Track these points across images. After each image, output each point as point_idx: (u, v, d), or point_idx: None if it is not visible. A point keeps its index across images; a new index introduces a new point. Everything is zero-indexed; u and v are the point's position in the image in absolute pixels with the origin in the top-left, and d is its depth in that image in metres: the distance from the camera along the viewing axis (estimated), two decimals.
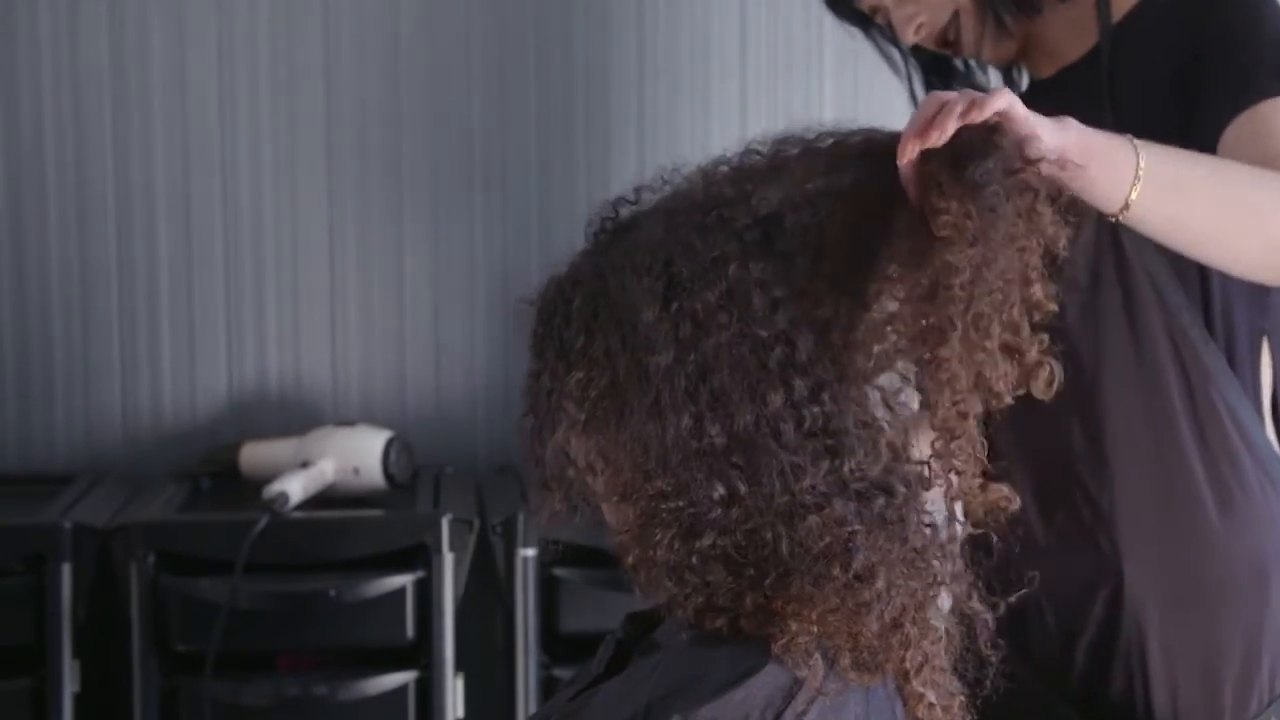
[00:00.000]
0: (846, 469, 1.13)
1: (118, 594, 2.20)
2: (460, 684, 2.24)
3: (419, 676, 2.22)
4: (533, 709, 2.24)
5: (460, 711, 2.24)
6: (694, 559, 1.12)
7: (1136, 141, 1.26)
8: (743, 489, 1.11)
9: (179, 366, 2.59)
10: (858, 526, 1.12)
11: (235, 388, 2.60)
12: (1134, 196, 1.25)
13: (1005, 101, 1.16)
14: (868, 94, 2.66)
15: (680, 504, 1.12)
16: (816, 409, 1.12)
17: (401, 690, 2.22)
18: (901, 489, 1.15)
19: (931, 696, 1.16)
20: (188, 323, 2.59)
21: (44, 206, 2.56)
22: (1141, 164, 1.24)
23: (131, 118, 2.56)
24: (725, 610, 1.14)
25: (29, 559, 2.17)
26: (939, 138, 1.14)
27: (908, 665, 1.14)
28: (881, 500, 1.14)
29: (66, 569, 2.16)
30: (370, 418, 2.54)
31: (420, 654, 2.22)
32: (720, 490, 1.11)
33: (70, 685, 2.17)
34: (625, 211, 1.22)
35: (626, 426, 1.13)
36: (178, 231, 2.58)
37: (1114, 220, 1.26)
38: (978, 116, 1.15)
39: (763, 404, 1.11)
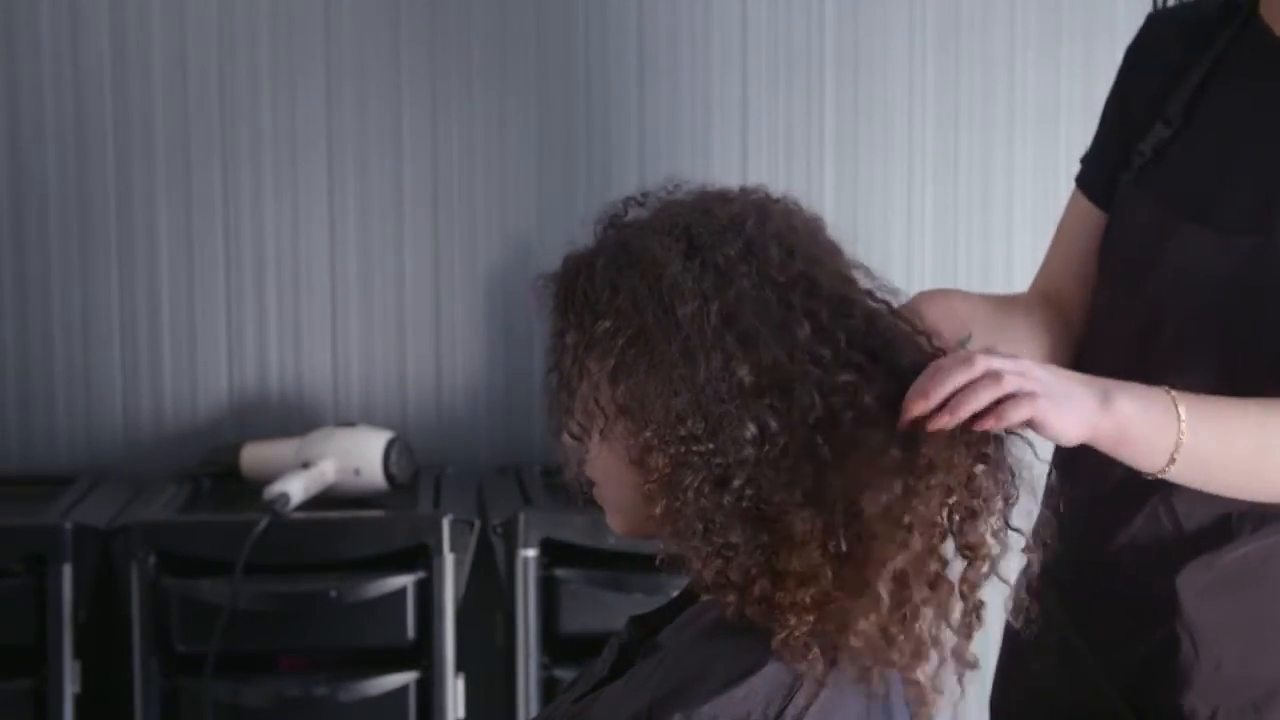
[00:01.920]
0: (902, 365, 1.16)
1: (118, 595, 2.20)
2: (461, 684, 2.24)
3: (419, 677, 2.23)
4: (533, 710, 2.24)
5: (461, 712, 2.24)
6: (726, 501, 1.13)
7: (1182, 415, 1.27)
8: (773, 425, 1.13)
9: (180, 367, 2.59)
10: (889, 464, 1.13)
11: (236, 389, 2.60)
12: (1170, 470, 1.28)
13: (1030, 412, 1.18)
14: (868, 94, 2.66)
15: (711, 446, 1.13)
16: (852, 321, 1.16)
17: (402, 691, 2.22)
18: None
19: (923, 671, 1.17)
20: (188, 324, 2.59)
21: (45, 207, 2.56)
22: (1182, 441, 1.27)
23: (132, 117, 2.56)
24: (736, 587, 1.15)
25: (30, 560, 2.17)
26: (948, 421, 1.16)
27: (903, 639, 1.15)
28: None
29: (67, 570, 2.16)
30: (371, 418, 2.54)
31: (421, 654, 2.22)
32: (752, 430, 1.13)
33: (71, 686, 2.17)
34: (634, 211, 1.23)
35: (658, 370, 1.15)
36: (178, 233, 2.58)
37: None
38: (996, 425, 1.17)
39: (793, 340, 1.14)
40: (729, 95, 2.63)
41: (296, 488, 2.25)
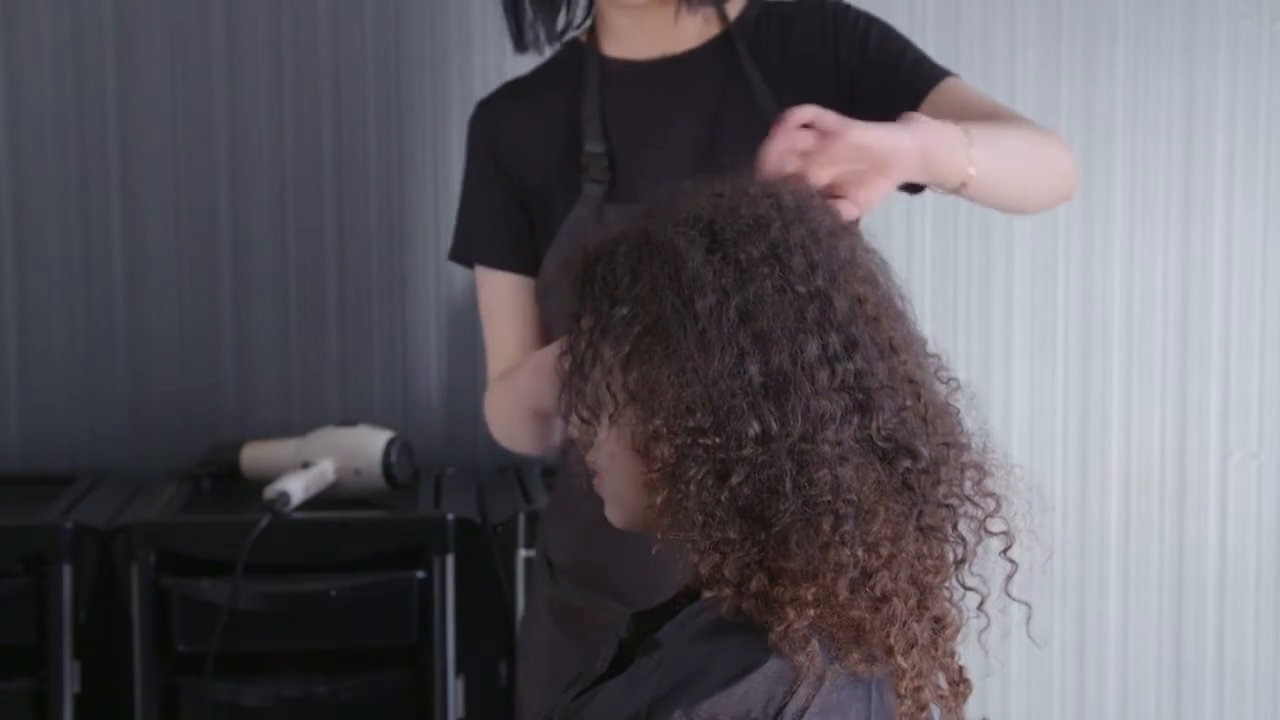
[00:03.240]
0: (875, 426, 1.15)
1: (119, 595, 2.20)
2: (460, 684, 2.24)
3: (420, 677, 2.22)
4: None
5: (460, 712, 2.24)
6: (723, 499, 1.13)
7: (964, 129, 1.42)
8: (775, 428, 1.13)
9: (181, 367, 2.59)
10: (872, 488, 1.14)
11: (236, 389, 2.60)
12: (972, 171, 1.41)
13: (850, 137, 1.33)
14: None
15: (717, 440, 1.13)
16: (850, 364, 1.15)
17: (402, 691, 2.22)
18: (925, 453, 1.17)
19: (914, 675, 1.17)
20: (189, 323, 2.59)
21: (47, 205, 2.56)
22: (973, 143, 1.41)
23: (135, 115, 2.56)
24: (731, 582, 1.15)
25: (30, 560, 2.17)
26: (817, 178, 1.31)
27: (891, 642, 1.15)
28: (907, 463, 1.16)
29: (67, 570, 2.16)
30: (371, 418, 2.54)
31: (421, 655, 2.22)
32: (755, 428, 1.13)
33: (71, 686, 2.17)
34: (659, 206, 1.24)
35: (671, 360, 1.15)
36: (181, 231, 2.58)
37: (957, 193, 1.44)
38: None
39: (801, 350, 1.14)
40: None
41: (297, 488, 2.25)
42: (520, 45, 1.76)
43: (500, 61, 2.60)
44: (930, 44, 2.67)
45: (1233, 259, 2.80)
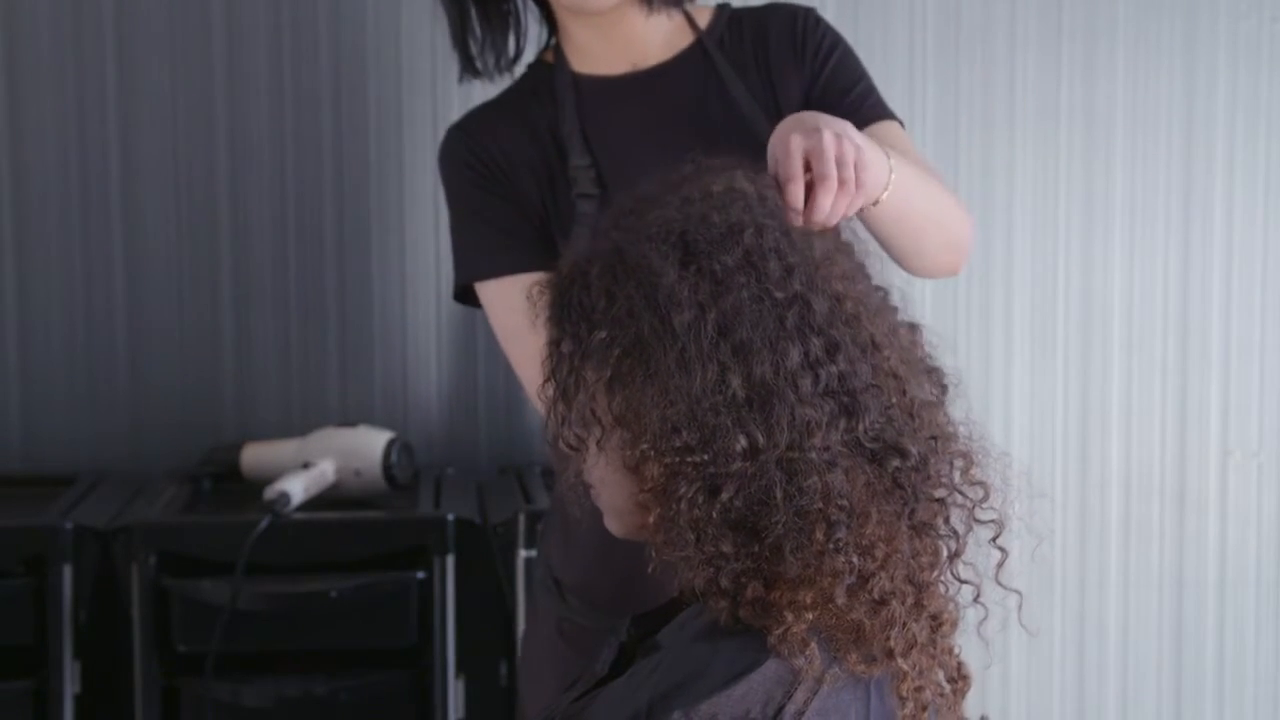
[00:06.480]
0: (861, 428, 1.15)
1: (119, 595, 2.20)
2: (461, 685, 2.25)
3: (420, 677, 2.23)
4: None
5: (461, 712, 2.25)
6: (714, 515, 1.13)
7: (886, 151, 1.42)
8: (762, 440, 1.12)
9: (180, 367, 2.59)
10: (863, 490, 1.14)
11: (236, 388, 2.60)
12: (893, 176, 1.41)
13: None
14: None
15: (705, 457, 1.13)
16: (833, 368, 1.15)
17: (402, 691, 2.23)
18: (914, 450, 1.16)
19: (915, 675, 1.17)
20: (189, 324, 2.59)
21: (47, 205, 2.56)
22: (892, 161, 1.41)
23: (136, 117, 2.56)
24: (727, 593, 1.15)
25: (30, 560, 2.17)
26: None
27: (891, 644, 1.15)
28: (896, 462, 1.16)
29: (68, 570, 2.16)
30: (371, 418, 2.54)
31: (421, 655, 2.22)
32: (742, 442, 1.12)
33: (71, 686, 2.17)
34: (630, 217, 1.23)
35: (653, 381, 1.14)
36: (181, 231, 2.58)
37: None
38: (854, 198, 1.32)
39: (782, 358, 1.13)
40: None
41: (297, 488, 2.25)
42: (470, 71, 1.76)
43: None
44: (930, 44, 2.70)
45: (1233, 259, 2.80)
